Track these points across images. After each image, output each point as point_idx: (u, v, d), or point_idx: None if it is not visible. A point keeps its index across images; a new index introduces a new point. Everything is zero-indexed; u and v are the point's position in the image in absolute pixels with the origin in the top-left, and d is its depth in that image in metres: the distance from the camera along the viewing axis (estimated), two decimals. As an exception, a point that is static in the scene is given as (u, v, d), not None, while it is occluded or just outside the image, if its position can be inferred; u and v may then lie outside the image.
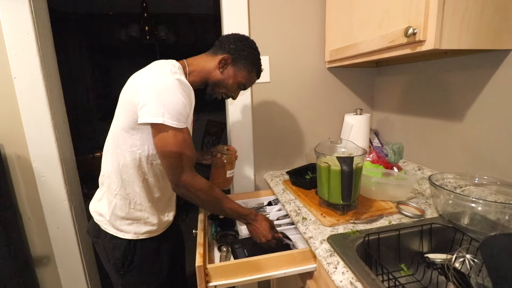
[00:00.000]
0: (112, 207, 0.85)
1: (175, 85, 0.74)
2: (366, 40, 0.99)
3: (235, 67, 0.89)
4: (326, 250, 0.74)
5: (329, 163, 0.87)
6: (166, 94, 0.72)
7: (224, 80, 0.89)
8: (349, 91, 1.44)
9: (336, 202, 0.89)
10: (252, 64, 0.91)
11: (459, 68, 1.00)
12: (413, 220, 0.88)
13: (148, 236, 0.89)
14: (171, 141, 0.74)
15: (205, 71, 0.88)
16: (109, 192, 0.85)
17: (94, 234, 0.90)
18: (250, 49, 0.91)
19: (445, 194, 0.85)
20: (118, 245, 0.86)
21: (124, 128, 0.79)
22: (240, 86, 0.93)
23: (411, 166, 1.22)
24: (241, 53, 0.89)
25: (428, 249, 0.83)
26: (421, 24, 0.76)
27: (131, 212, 0.85)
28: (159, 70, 0.78)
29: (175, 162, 0.76)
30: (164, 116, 0.71)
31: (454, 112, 1.03)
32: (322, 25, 1.33)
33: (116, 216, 0.85)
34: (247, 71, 0.91)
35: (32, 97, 1.12)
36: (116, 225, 0.86)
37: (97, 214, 0.89)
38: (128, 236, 0.86)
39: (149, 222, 0.88)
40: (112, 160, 0.83)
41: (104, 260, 0.91)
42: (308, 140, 1.44)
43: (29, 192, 1.22)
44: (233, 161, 1.10)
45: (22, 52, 1.09)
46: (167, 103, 0.72)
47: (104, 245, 0.88)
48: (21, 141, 1.16)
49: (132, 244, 0.87)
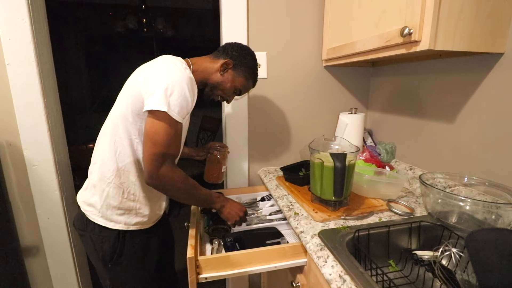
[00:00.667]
0: (105, 196, 0.84)
1: (186, 80, 0.78)
2: (363, 39, 1.00)
3: (235, 72, 0.94)
4: (316, 244, 0.75)
5: (323, 160, 0.88)
6: (176, 87, 0.75)
7: (222, 83, 0.93)
8: (345, 90, 1.45)
9: (328, 198, 0.90)
10: (250, 72, 0.97)
11: (453, 70, 1.01)
12: (402, 217, 0.90)
13: (138, 227, 0.89)
14: (166, 131, 0.76)
15: (206, 72, 0.92)
16: (101, 181, 0.84)
17: (81, 227, 0.89)
18: (251, 59, 0.97)
19: (435, 193, 0.87)
20: (107, 237, 0.85)
21: (125, 116, 0.81)
22: (236, 91, 0.98)
23: (402, 166, 1.23)
24: (242, 61, 0.94)
25: (417, 246, 0.85)
26: (417, 24, 0.77)
27: (123, 202, 0.85)
28: (171, 64, 0.81)
29: (161, 152, 0.76)
30: (167, 105, 0.74)
31: (446, 114, 1.05)
32: (320, 23, 1.33)
33: (108, 205, 0.84)
34: (245, 78, 0.96)
35: (25, 84, 1.11)
36: (107, 215, 0.85)
37: (85, 204, 0.88)
38: (118, 226, 0.86)
39: (140, 213, 0.88)
40: (109, 147, 0.83)
41: (91, 254, 0.90)
42: (302, 138, 1.45)
43: (19, 181, 1.20)
44: (226, 157, 1.18)
45: (16, 38, 1.07)
46: (174, 95, 0.75)
47: (91, 237, 0.87)
48: (13, 129, 1.15)
49: (122, 235, 0.86)
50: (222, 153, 1.15)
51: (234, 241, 0.94)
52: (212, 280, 0.81)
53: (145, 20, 2.60)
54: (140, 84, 0.79)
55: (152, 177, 0.77)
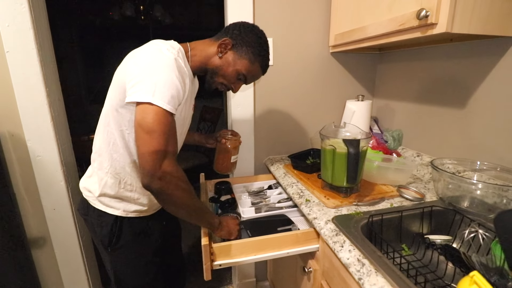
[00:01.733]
0: (103, 185, 0.82)
1: (173, 67, 0.69)
2: (375, 23, 0.98)
3: (236, 53, 0.82)
4: (331, 230, 0.75)
5: (334, 146, 0.88)
6: (159, 74, 0.67)
7: (222, 67, 0.82)
8: (351, 77, 1.44)
9: (339, 184, 0.90)
10: (255, 53, 0.82)
11: (464, 55, 1.00)
12: (413, 203, 0.90)
13: (137, 215, 0.87)
14: (158, 120, 0.65)
15: (205, 56, 0.83)
16: (100, 170, 0.83)
17: (83, 211, 0.89)
18: (256, 38, 0.82)
19: (446, 178, 0.87)
20: (105, 222, 0.84)
21: (114, 106, 0.76)
22: (240, 77, 0.85)
23: (410, 153, 1.24)
24: (244, 39, 0.81)
25: (428, 230, 0.86)
26: (434, 6, 0.75)
27: (120, 192, 0.83)
28: (155, 49, 0.72)
29: (160, 149, 0.65)
30: (154, 96, 0.65)
31: (456, 99, 1.04)
32: (327, 8, 1.30)
33: (105, 194, 0.83)
34: (249, 60, 0.82)
35: (26, 73, 1.07)
36: (105, 202, 0.84)
37: (86, 190, 0.87)
38: (116, 212, 0.84)
39: (139, 202, 0.86)
40: (103, 138, 0.80)
41: (94, 238, 0.90)
42: (308, 125, 1.44)
43: (23, 172, 1.18)
44: (237, 146, 1.10)
45: (15, 24, 1.03)
46: (159, 83, 0.66)
47: (92, 221, 0.86)
48: (15, 119, 1.12)
49: (119, 221, 0.84)
50: (232, 141, 1.07)
51: (245, 229, 0.94)
52: (225, 266, 0.82)
53: (142, 8, 2.52)
54: (124, 72, 0.72)
55: (154, 175, 0.65)
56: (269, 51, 0.87)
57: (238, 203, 1.10)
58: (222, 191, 1.22)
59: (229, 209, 1.09)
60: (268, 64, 0.88)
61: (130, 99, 0.67)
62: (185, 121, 0.87)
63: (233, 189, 1.22)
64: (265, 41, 0.85)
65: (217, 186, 1.24)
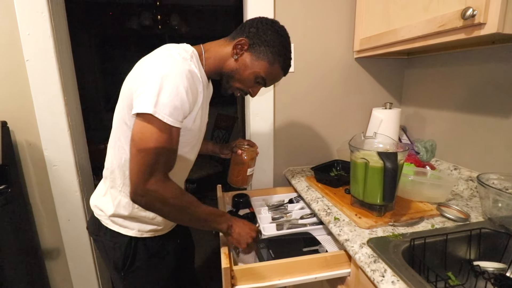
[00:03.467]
0: (116, 204, 0.77)
1: (181, 74, 0.63)
2: (408, 25, 0.90)
3: (253, 54, 0.73)
4: (368, 255, 0.66)
5: (367, 159, 0.80)
6: (166, 83, 0.61)
7: (238, 70, 0.74)
8: (377, 84, 1.35)
9: (372, 202, 0.82)
10: (275, 53, 0.73)
11: (508, 58, 0.90)
12: (457, 224, 0.80)
13: (152, 235, 0.81)
14: (154, 137, 0.61)
15: (220, 58, 0.75)
16: (113, 188, 0.78)
17: (94, 231, 0.83)
18: (275, 34, 0.73)
19: (495, 195, 0.77)
20: (118, 244, 0.78)
21: (123, 119, 0.71)
22: (258, 80, 0.76)
23: (445, 165, 1.13)
24: (262, 38, 0.72)
25: (476, 256, 0.75)
26: (483, 4, 0.67)
27: (135, 212, 0.77)
28: (164, 54, 0.67)
29: (147, 162, 0.62)
30: (155, 107, 0.60)
31: (500, 107, 0.94)
32: (351, 12, 1.24)
33: (119, 215, 0.77)
34: (268, 62, 0.73)
35: (45, 82, 1.06)
36: (119, 221, 0.78)
37: (97, 208, 0.81)
38: (130, 232, 0.78)
39: (155, 221, 0.80)
40: (115, 154, 0.75)
41: (105, 260, 0.83)
42: (331, 135, 1.36)
43: (39, 182, 1.17)
44: (254, 157, 1.00)
45: (36, 33, 1.02)
46: (164, 94, 0.61)
47: (104, 242, 0.80)
48: (33, 128, 1.10)
49: (134, 242, 0.78)
50: (249, 152, 0.98)
51: (267, 248, 0.87)
52: (246, 291, 0.74)
53: (159, 17, 2.55)
54: (132, 82, 0.67)
55: (136, 192, 0.63)
56: (290, 50, 0.77)
57: (258, 218, 1.03)
58: (240, 204, 1.16)
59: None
60: (290, 64, 0.79)
61: (134, 111, 0.63)
62: (201, 129, 0.81)
63: (251, 202, 1.15)
64: (286, 38, 0.76)
65: (235, 199, 1.17)
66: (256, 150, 1.01)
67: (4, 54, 1.05)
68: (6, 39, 1.04)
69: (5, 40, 1.04)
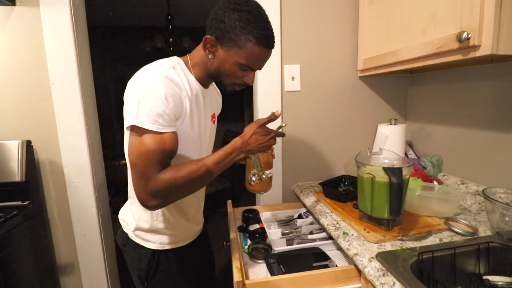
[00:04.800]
0: (137, 219, 0.81)
1: (157, 81, 0.64)
2: (408, 47, 0.95)
3: (223, 47, 0.69)
4: (377, 269, 0.68)
5: (373, 174, 0.82)
6: (144, 92, 0.63)
7: (220, 67, 0.72)
8: (381, 101, 1.40)
9: (380, 216, 0.84)
10: (241, 33, 0.66)
11: (507, 76, 0.94)
12: (465, 238, 0.81)
13: (173, 246, 0.84)
14: (142, 146, 0.63)
15: (202, 63, 0.75)
16: (133, 204, 0.83)
17: (122, 243, 0.87)
18: (235, 14, 0.66)
19: (502, 209, 0.78)
20: (143, 255, 0.83)
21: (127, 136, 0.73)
22: (242, 67, 0.71)
23: (452, 180, 1.14)
24: (222, 26, 0.67)
25: (485, 270, 0.76)
26: (476, 28, 0.72)
27: (154, 224, 0.81)
28: (144, 69, 0.69)
29: (142, 171, 0.63)
30: (137, 118, 0.62)
31: (503, 122, 0.96)
32: (354, 34, 1.30)
33: (139, 228, 0.82)
34: (239, 47, 0.67)
35: (68, 103, 1.14)
36: (141, 235, 0.82)
37: (124, 222, 0.86)
38: (153, 246, 0.82)
39: (174, 232, 0.83)
40: (129, 170, 0.78)
41: (131, 270, 0.88)
42: (338, 151, 1.39)
43: (58, 198, 1.22)
44: (269, 161, 0.89)
45: (62, 59, 1.11)
46: (143, 103, 0.62)
47: (130, 254, 0.85)
48: (55, 147, 1.17)
49: (157, 255, 0.83)
50: (263, 155, 0.87)
51: (277, 263, 0.89)
52: (258, 305, 0.76)
53: (171, 40, 2.69)
54: (125, 100, 0.70)
55: (142, 201, 0.65)
56: (260, 20, 0.68)
57: (268, 234, 1.05)
58: (250, 220, 1.18)
59: (259, 239, 1.05)
60: (268, 34, 0.69)
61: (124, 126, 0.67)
62: (202, 135, 0.81)
63: (261, 218, 1.18)
64: (250, 11, 0.66)
65: (245, 214, 1.20)
66: (271, 152, 0.90)
67: (32, 79, 1.14)
68: (35, 65, 1.13)
69: (34, 66, 1.13)
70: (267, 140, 0.75)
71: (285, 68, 1.28)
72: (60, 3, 1.09)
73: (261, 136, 0.74)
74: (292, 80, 1.30)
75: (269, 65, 1.25)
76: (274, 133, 0.77)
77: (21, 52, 1.12)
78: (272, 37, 0.70)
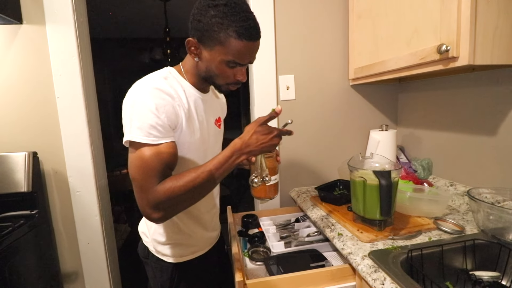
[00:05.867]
0: (152, 232, 0.82)
1: (145, 94, 0.64)
2: (394, 58, 1.02)
3: (206, 47, 0.68)
4: (369, 266, 0.73)
5: (365, 178, 0.88)
6: (135, 107, 0.64)
7: (208, 68, 0.71)
8: (373, 108, 1.46)
9: (372, 217, 0.88)
10: (220, 30, 0.64)
11: (488, 84, 1.01)
12: (453, 236, 0.86)
13: (193, 256, 0.84)
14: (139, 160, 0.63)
15: (192, 67, 0.75)
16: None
17: (144, 255, 0.88)
18: (210, 10, 0.64)
19: (486, 208, 0.83)
20: (165, 267, 0.83)
21: None
22: (230, 64, 0.69)
23: (442, 182, 1.20)
24: (200, 26, 0.65)
25: (472, 266, 0.80)
26: (454, 41, 0.79)
27: (170, 236, 0.80)
28: (137, 83, 0.69)
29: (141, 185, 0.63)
30: (131, 133, 0.63)
31: (486, 126, 1.02)
32: (345, 45, 1.38)
33: (156, 241, 0.82)
34: (220, 44, 0.65)
35: (73, 115, 1.19)
36: (159, 250, 0.83)
37: (144, 235, 0.87)
38: (172, 259, 0.82)
39: (190, 242, 0.84)
40: None
41: (152, 281, 0.88)
42: (333, 157, 1.44)
43: (63, 207, 1.26)
44: (274, 166, 0.84)
45: (66, 73, 1.17)
46: (135, 117, 0.63)
47: (152, 266, 0.86)
48: (59, 157, 1.21)
49: (178, 266, 0.83)
50: (267, 160, 0.82)
51: (276, 264, 0.93)
52: (259, 305, 0.80)
53: (169, 51, 2.76)
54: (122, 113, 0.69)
55: (147, 215, 0.64)
56: (240, 10, 0.64)
57: (266, 237, 1.09)
58: (250, 225, 1.22)
59: (258, 243, 1.09)
60: (249, 25, 0.65)
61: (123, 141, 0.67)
62: (205, 142, 0.80)
63: (260, 222, 1.22)
64: (225, 3, 0.64)
65: (244, 219, 1.24)
66: (275, 157, 0.84)
67: (38, 93, 1.19)
68: (41, 80, 1.18)
69: (40, 80, 1.18)
70: (270, 139, 0.70)
71: (280, 78, 1.34)
72: (65, 21, 1.15)
73: (263, 135, 0.69)
74: (287, 90, 1.36)
75: (265, 75, 1.32)
76: (277, 131, 0.71)
77: (28, 68, 1.18)
78: (255, 27, 0.67)
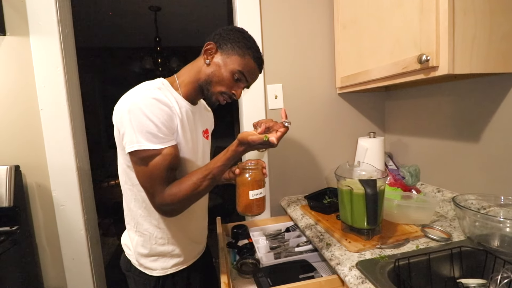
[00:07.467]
0: (135, 244, 0.81)
1: (142, 103, 0.67)
2: (378, 67, 1.03)
3: (223, 53, 0.75)
4: (356, 277, 0.72)
5: (351, 187, 0.88)
6: (133, 116, 0.67)
7: (214, 72, 0.75)
8: (361, 115, 1.48)
9: (360, 226, 0.88)
10: (243, 47, 0.75)
11: (469, 92, 1.03)
12: (440, 243, 0.86)
13: (177, 269, 0.83)
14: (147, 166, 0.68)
15: (193, 73, 0.78)
16: (130, 229, 0.83)
17: (126, 268, 0.87)
18: (238, 33, 0.76)
19: (471, 215, 0.84)
20: (147, 281, 0.81)
21: (125, 163, 0.76)
22: (236, 76, 0.75)
23: (430, 188, 1.21)
24: (226, 38, 0.75)
25: (460, 274, 0.80)
26: (433, 51, 0.80)
27: (153, 248, 0.80)
28: (130, 92, 0.72)
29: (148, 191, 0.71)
30: (136, 142, 0.67)
31: (469, 133, 1.04)
32: (331, 54, 1.40)
33: (139, 254, 0.81)
34: (239, 55, 0.74)
35: (57, 127, 1.16)
36: (141, 263, 0.81)
37: (126, 247, 0.86)
38: (155, 273, 0.81)
39: (175, 254, 0.83)
40: (125, 197, 0.80)
41: None
42: (322, 165, 1.45)
43: (47, 222, 1.22)
44: (259, 178, 0.81)
45: (50, 85, 1.15)
46: (136, 126, 0.66)
47: (135, 279, 0.84)
48: (43, 170, 1.18)
49: (162, 280, 0.81)
50: (251, 172, 0.80)
51: (265, 277, 0.91)
52: (247, 320, 0.78)
53: (160, 60, 2.76)
54: (116, 121, 0.72)
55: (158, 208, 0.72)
56: (257, 47, 0.79)
57: (256, 248, 1.08)
58: (239, 236, 1.21)
59: (248, 254, 1.07)
60: (261, 57, 0.79)
61: (126, 151, 0.70)
62: (194, 150, 0.82)
63: (250, 233, 1.20)
64: (250, 36, 0.78)
65: (234, 230, 1.23)
66: (260, 169, 0.83)
67: (21, 104, 1.16)
68: (24, 92, 1.16)
69: (23, 92, 1.16)
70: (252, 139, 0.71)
71: (268, 88, 1.35)
72: (49, 32, 1.14)
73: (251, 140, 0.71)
74: (275, 99, 1.37)
75: (254, 85, 1.30)
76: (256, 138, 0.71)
77: (11, 79, 1.16)
78: (263, 62, 0.81)
